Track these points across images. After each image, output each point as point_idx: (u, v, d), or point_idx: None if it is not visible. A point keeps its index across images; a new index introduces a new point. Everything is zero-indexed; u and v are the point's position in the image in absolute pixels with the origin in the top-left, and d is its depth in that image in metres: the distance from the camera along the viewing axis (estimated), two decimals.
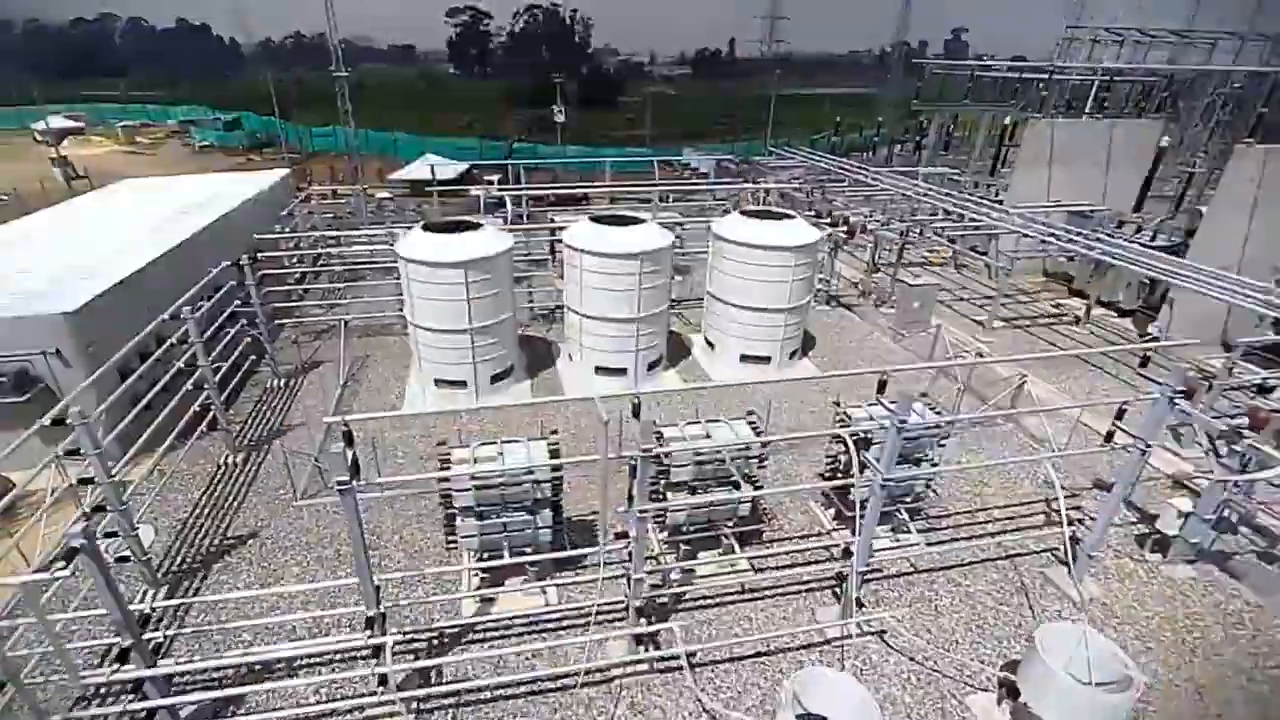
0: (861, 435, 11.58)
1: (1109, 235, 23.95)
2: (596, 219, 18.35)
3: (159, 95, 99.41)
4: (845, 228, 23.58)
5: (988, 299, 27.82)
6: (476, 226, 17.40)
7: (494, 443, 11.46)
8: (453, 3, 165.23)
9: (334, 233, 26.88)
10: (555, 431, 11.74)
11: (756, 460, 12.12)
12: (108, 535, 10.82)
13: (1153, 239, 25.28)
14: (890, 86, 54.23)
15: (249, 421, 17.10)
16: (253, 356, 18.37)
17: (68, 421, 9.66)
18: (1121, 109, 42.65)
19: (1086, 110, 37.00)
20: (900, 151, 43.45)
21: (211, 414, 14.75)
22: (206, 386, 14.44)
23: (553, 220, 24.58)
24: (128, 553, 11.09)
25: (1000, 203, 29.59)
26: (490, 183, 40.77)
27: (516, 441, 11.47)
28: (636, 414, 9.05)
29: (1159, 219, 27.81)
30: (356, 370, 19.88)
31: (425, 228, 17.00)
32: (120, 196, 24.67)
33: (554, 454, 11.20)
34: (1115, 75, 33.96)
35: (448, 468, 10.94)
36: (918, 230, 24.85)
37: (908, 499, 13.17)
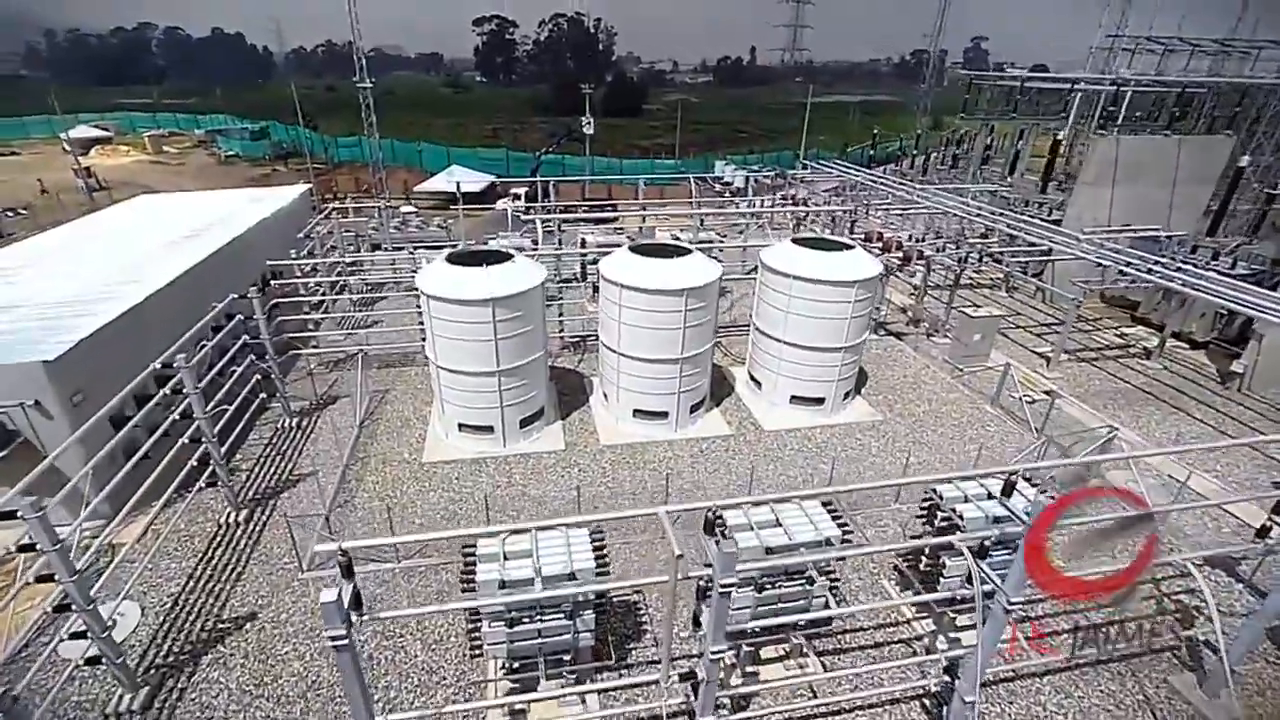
0: (972, 538, 9.45)
1: (1185, 262, 21.62)
2: (636, 248, 16.37)
3: (191, 103, 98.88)
4: (899, 253, 21.41)
5: (1045, 327, 25.56)
6: (505, 257, 15.50)
7: (527, 529, 9.50)
8: (479, 11, 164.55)
9: (355, 253, 25.23)
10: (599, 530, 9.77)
11: (835, 549, 10.10)
12: (74, 637, 9.06)
13: (1233, 267, 22.84)
14: (926, 95, 51.78)
15: (255, 471, 15.29)
16: (263, 394, 16.60)
17: (19, 515, 7.87)
18: (1166, 122, 39.92)
19: (1118, 123, 34.47)
20: (939, 165, 41.07)
21: (211, 468, 12.95)
22: (205, 440, 12.65)
23: (584, 242, 22.69)
24: (98, 653, 9.30)
25: (1057, 223, 27.32)
26: (517, 196, 39.15)
27: (553, 528, 9.52)
28: (710, 530, 7.06)
29: (1236, 243, 25.38)
30: (375, 407, 18.05)
31: (450, 259, 15.11)
32: (134, 214, 23.14)
33: (599, 549, 9.24)
34: (1186, 87, 31.30)
35: (472, 567, 9.01)
36: (977, 256, 22.60)
37: None
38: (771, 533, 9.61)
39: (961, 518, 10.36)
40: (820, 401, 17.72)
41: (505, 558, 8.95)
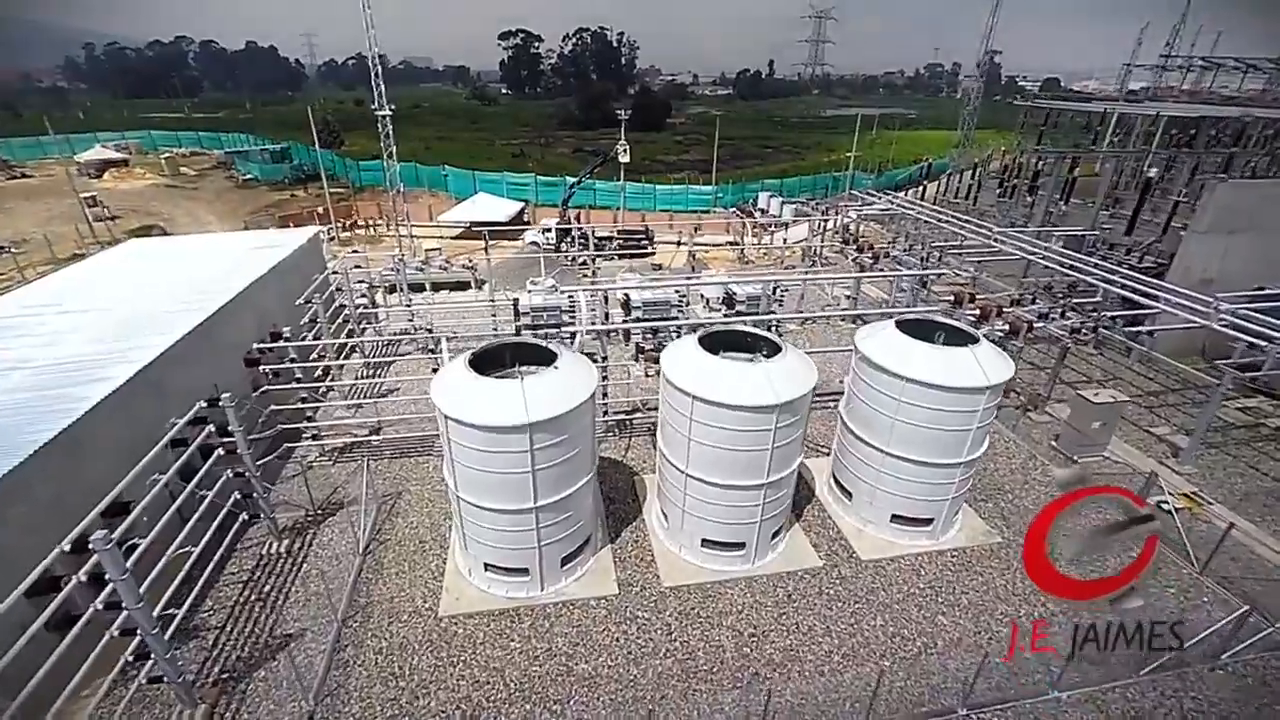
0: None
1: None
2: (706, 340, 12.48)
3: (220, 117, 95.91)
4: (1003, 324, 17.42)
5: (1153, 396, 21.37)
6: (545, 355, 11.74)
7: None
8: (505, 26, 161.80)
9: (365, 308, 21.58)
10: None
11: None
12: None
13: None
14: (971, 115, 47.55)
15: (225, 628, 11.61)
16: (244, 515, 12.97)
17: None
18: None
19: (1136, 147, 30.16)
20: (1001, 197, 36.87)
21: (153, 663, 9.30)
22: (142, 633, 8.98)
23: (628, 300, 18.84)
24: None
25: (1153, 272, 23.20)
26: (548, 229, 35.51)
27: None
28: None
29: None
30: (382, 521, 14.35)
31: (473, 363, 11.32)
32: (115, 269, 19.43)
33: None
34: None
35: None
36: (1091, 326, 18.52)
37: None
38: None
39: None
40: (928, 523, 13.81)
41: None
